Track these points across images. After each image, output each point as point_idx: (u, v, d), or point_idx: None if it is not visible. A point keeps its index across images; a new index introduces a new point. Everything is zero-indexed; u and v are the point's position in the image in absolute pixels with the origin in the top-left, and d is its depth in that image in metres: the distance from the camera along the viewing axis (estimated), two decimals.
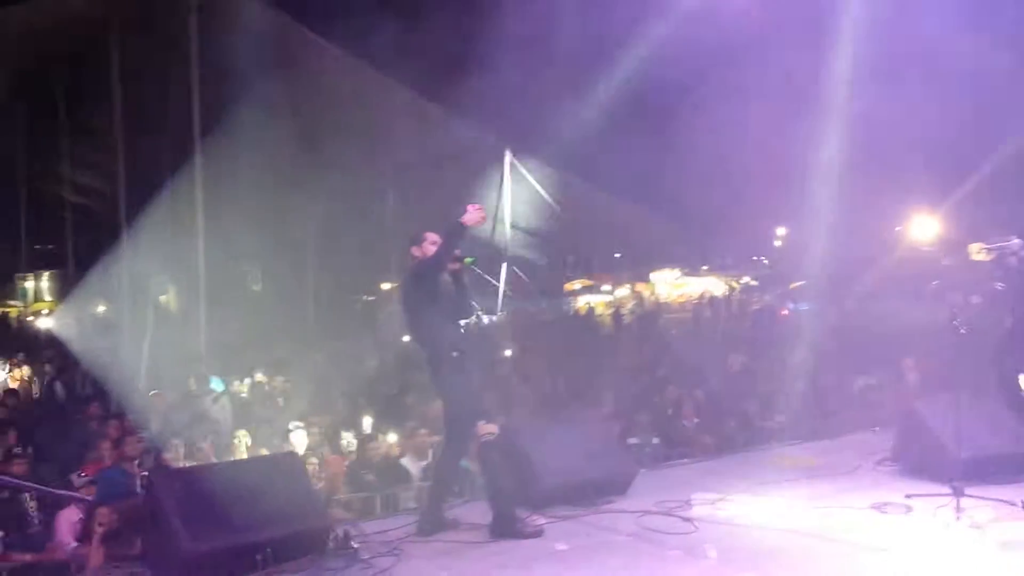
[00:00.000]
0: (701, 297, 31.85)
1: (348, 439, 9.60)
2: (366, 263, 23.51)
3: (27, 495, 7.63)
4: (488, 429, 6.23)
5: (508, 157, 20.39)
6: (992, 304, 6.05)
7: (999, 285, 6.00)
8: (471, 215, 6.04)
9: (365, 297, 27.10)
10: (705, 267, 38.41)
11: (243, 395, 12.48)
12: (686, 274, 37.88)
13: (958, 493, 6.27)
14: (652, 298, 34.42)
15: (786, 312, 27.09)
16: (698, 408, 11.19)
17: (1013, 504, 6.28)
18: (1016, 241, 8.04)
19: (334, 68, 17.95)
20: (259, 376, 13.26)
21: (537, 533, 6.09)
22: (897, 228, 25.67)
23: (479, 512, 6.56)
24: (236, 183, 18.62)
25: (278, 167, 19.63)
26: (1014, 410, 6.65)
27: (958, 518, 6.14)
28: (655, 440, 10.10)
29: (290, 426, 9.46)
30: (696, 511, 6.53)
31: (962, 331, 6.53)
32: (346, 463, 8.71)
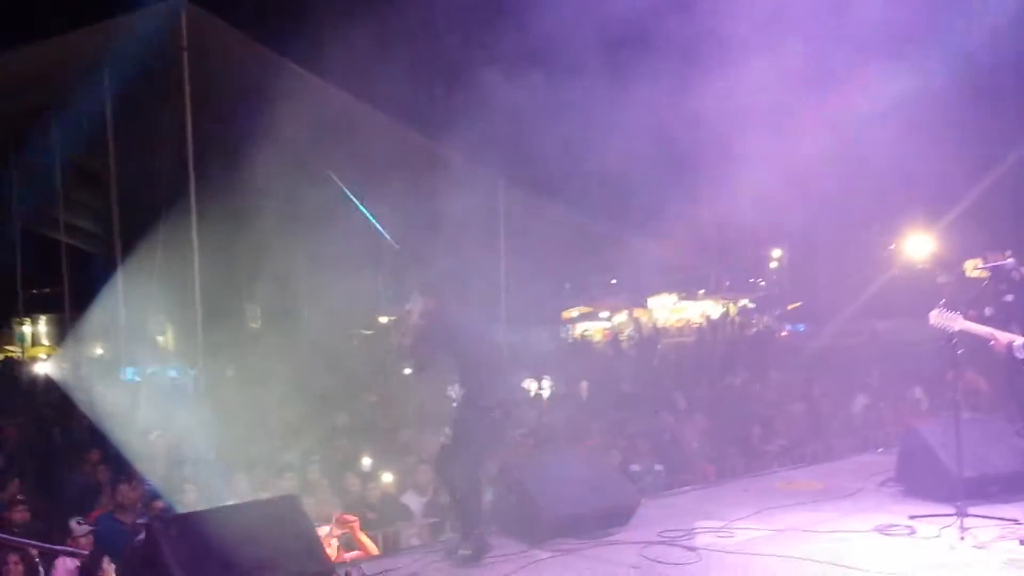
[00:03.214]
0: (703, 320, 31.88)
1: (352, 480, 9.52)
2: (364, 298, 23.51)
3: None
4: None
5: (502, 187, 20.40)
6: (1005, 317, 6.07)
7: (1008, 297, 6.02)
8: None
9: (363, 331, 27.08)
10: (702, 291, 38.42)
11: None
12: (683, 298, 37.88)
13: (961, 513, 6.25)
14: (650, 323, 34.41)
15: (785, 333, 27.15)
16: (699, 433, 11.17)
17: (1017, 522, 6.25)
18: (1011, 260, 8.08)
19: (327, 104, 18.03)
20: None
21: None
22: (891, 247, 25.73)
23: None
24: (231, 220, 18.65)
25: (273, 201, 19.67)
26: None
27: (962, 538, 6.12)
28: (657, 467, 10.06)
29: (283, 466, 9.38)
30: (700, 540, 6.49)
31: (960, 351, 6.52)
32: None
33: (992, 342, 6.13)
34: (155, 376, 17.38)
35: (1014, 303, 5.95)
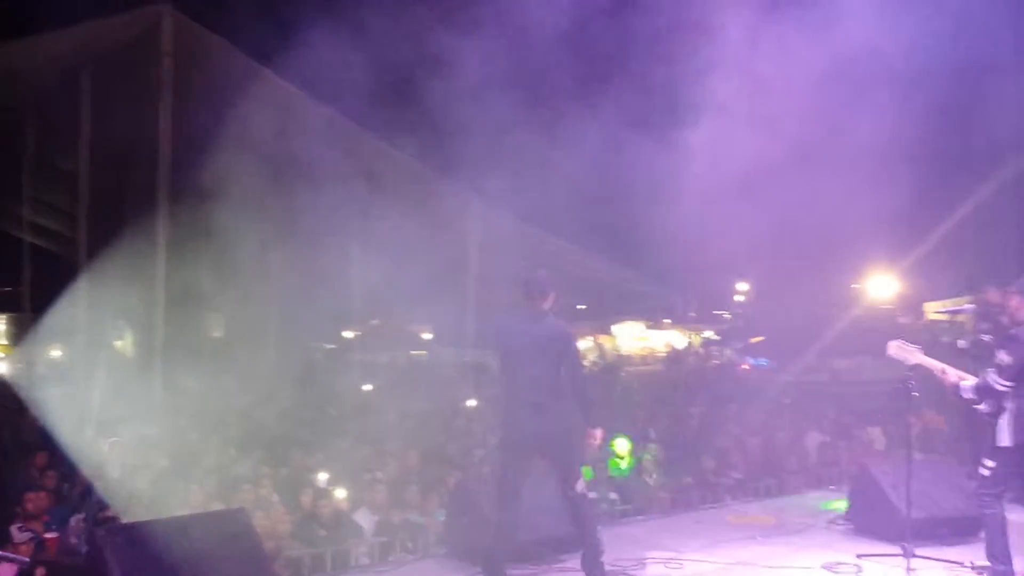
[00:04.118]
0: (669, 351, 32.04)
1: (306, 492, 9.44)
2: (327, 311, 23.36)
3: None
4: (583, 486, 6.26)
5: (473, 205, 20.43)
6: (977, 353, 6.15)
7: (986, 337, 6.11)
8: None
9: (326, 345, 26.93)
10: (668, 320, 38.62)
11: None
12: (649, 327, 38.05)
13: (908, 554, 6.32)
14: (614, 350, 34.51)
15: (747, 367, 27.34)
16: (658, 464, 11.20)
17: (963, 565, 6.32)
18: (969, 306, 8.23)
19: (303, 114, 17.98)
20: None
21: None
22: (854, 286, 26.06)
23: (431, 568, 6.50)
24: (201, 228, 18.49)
25: (244, 212, 19.54)
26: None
27: None
28: (612, 495, 10.07)
29: (240, 478, 9.29)
30: (650, 570, 6.50)
31: (915, 393, 6.61)
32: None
33: (943, 376, 6.20)
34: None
35: (990, 343, 6.01)
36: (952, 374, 6.17)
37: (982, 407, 6.03)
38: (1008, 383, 5.84)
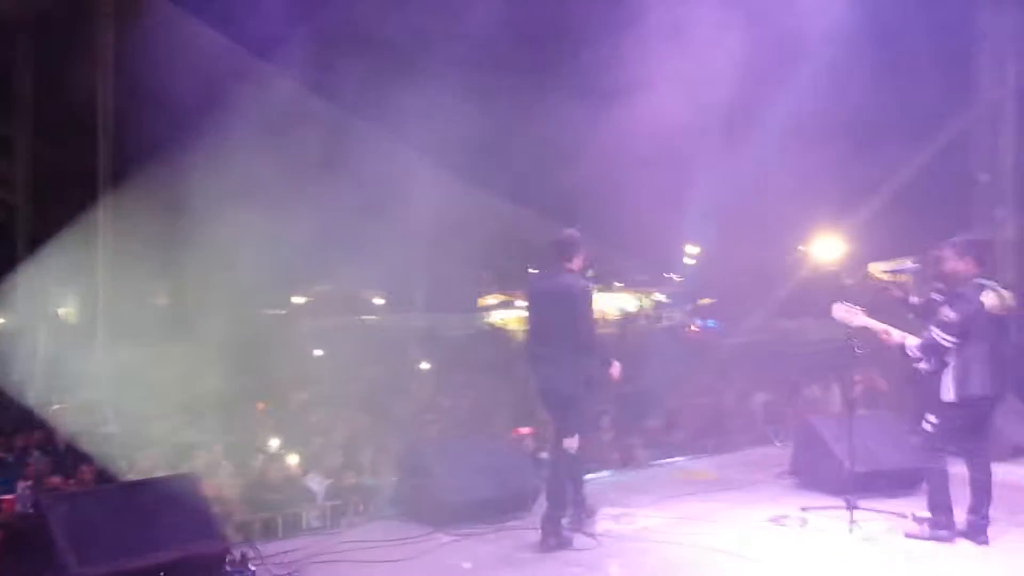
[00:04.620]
0: (620, 314, 32.28)
1: (256, 457, 9.41)
2: (276, 276, 23.09)
3: None
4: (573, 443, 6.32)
5: (419, 168, 20.26)
6: (925, 311, 6.24)
7: (937, 296, 6.19)
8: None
9: (275, 311, 26.65)
10: (619, 283, 38.86)
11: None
12: (600, 290, 38.25)
13: (851, 506, 6.48)
14: None
15: (695, 328, 27.68)
16: (610, 423, 11.31)
17: (903, 516, 6.49)
18: (910, 264, 8.38)
19: (246, 77, 17.64)
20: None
21: None
22: (800, 248, 26.40)
23: (382, 530, 6.51)
24: (143, 194, 18.13)
25: (188, 179, 19.19)
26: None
27: (851, 530, 6.34)
28: None
29: (191, 445, 9.21)
30: (600, 526, 6.58)
31: (858, 351, 6.74)
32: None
33: (886, 337, 6.32)
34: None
35: (939, 302, 6.11)
36: (896, 334, 6.28)
37: (923, 365, 6.15)
38: (953, 339, 5.95)
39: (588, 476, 8.72)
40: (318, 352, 18.84)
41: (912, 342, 6.16)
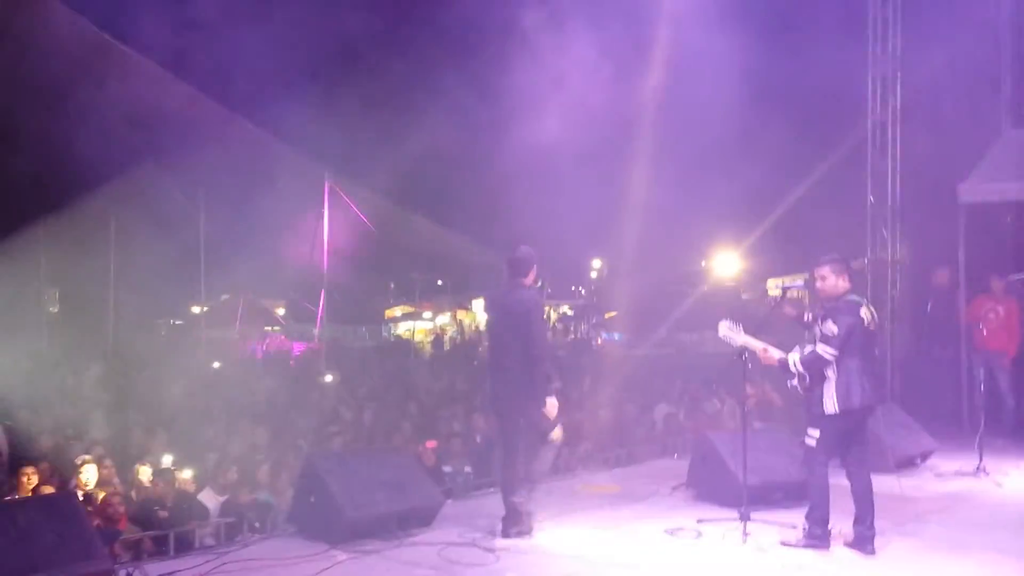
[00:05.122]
0: None
1: (146, 473, 9.06)
2: (175, 286, 22.48)
3: None
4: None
5: (327, 181, 20.03)
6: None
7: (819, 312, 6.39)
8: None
9: (172, 321, 25.96)
10: None
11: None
12: None
13: (744, 517, 6.62)
14: (473, 325, 34.69)
15: (600, 341, 28.02)
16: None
17: (793, 527, 6.65)
18: (799, 282, 8.68)
19: (146, 84, 17.16)
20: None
21: None
22: (702, 263, 27.08)
23: (278, 548, 6.37)
24: (35, 197, 17.46)
25: (81, 183, 18.55)
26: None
27: (744, 541, 6.47)
28: (467, 468, 10.13)
29: (78, 460, 8.83)
30: (499, 541, 6.56)
31: (749, 365, 6.90)
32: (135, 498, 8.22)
33: (764, 355, 6.50)
34: None
35: (820, 317, 6.33)
36: (775, 352, 6.47)
37: (795, 383, 6.34)
38: (835, 352, 6.16)
39: (490, 489, 8.79)
40: (215, 364, 18.39)
41: (794, 357, 6.34)
